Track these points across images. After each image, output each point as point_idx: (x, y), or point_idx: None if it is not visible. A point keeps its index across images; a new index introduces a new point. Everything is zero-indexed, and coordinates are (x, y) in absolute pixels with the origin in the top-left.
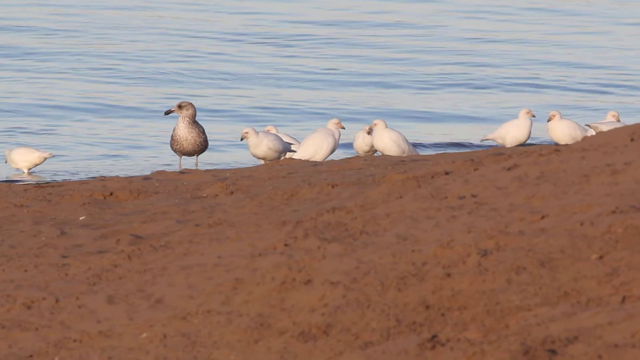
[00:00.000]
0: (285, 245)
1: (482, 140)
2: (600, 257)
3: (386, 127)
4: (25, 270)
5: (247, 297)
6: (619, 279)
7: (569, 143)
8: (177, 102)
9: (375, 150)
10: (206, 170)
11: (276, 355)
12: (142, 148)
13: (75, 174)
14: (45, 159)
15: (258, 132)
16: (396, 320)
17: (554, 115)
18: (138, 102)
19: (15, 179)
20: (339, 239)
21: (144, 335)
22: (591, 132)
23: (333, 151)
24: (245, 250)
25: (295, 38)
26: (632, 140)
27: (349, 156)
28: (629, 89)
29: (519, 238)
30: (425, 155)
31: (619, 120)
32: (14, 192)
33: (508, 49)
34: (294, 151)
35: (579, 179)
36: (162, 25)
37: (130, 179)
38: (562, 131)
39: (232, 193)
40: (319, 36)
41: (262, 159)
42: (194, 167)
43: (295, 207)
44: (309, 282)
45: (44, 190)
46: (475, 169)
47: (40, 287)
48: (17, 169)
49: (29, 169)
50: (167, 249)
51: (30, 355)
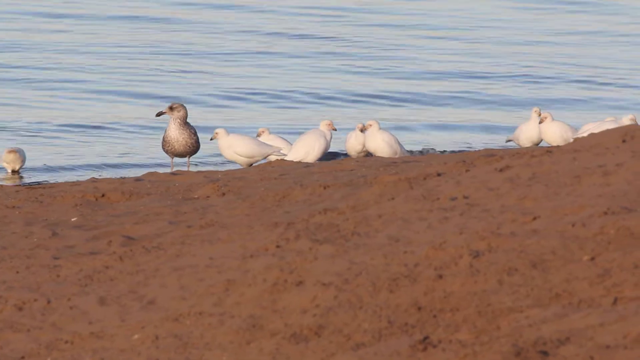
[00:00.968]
0: (277, 246)
1: (507, 141)
2: (592, 259)
3: (379, 129)
4: (17, 272)
5: (239, 299)
6: (610, 280)
7: (560, 144)
8: (169, 104)
9: (367, 151)
10: (198, 171)
11: (268, 357)
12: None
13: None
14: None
15: (229, 134)
16: (388, 321)
17: (546, 117)
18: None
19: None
20: (330, 240)
21: (136, 336)
22: (582, 133)
23: (325, 152)
24: (237, 251)
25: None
26: (624, 141)
27: (341, 157)
28: None
29: (511, 239)
30: (417, 157)
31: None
32: (6, 194)
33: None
34: (282, 154)
35: (570, 180)
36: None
37: (122, 180)
38: (554, 132)
39: (224, 194)
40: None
41: (232, 161)
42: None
43: (287, 209)
44: (300, 284)
45: (36, 192)
46: (467, 171)
47: (31, 289)
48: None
49: (13, 170)
50: (159, 250)
51: (22, 357)
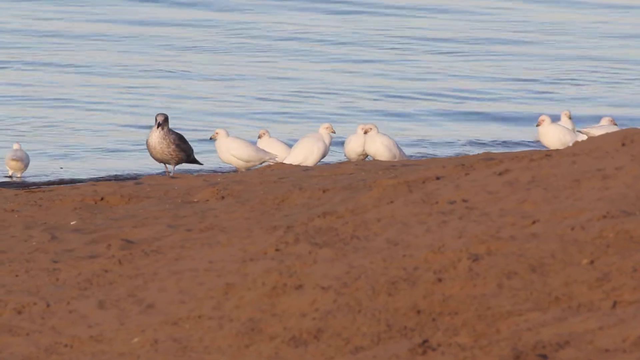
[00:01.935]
0: (277, 250)
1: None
2: (591, 262)
3: (378, 132)
4: (16, 275)
5: (238, 302)
6: (609, 284)
7: (559, 148)
8: (160, 115)
9: (367, 155)
10: (197, 175)
11: None
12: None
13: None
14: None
15: (229, 136)
16: (387, 325)
17: (543, 120)
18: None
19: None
20: (330, 243)
21: (135, 340)
22: (582, 137)
23: (324, 156)
24: (237, 255)
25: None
26: (623, 145)
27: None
28: None
29: (510, 243)
30: (416, 160)
31: (615, 124)
32: (5, 197)
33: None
34: (275, 160)
35: (570, 184)
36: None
37: (121, 184)
38: (552, 136)
39: (223, 198)
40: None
41: (227, 163)
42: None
43: (286, 212)
44: (300, 287)
45: (35, 195)
46: (466, 174)
47: (31, 292)
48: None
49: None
50: (158, 254)
51: None
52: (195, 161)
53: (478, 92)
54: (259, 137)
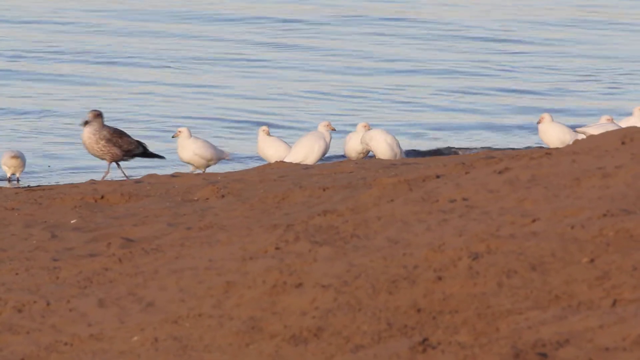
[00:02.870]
0: (277, 248)
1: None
2: (591, 261)
3: (381, 130)
4: (16, 274)
5: (239, 301)
6: (609, 282)
7: (558, 146)
8: (91, 112)
9: (367, 153)
10: (197, 173)
11: (267, 359)
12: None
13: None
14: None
15: (191, 136)
16: (387, 323)
17: (544, 118)
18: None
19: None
20: (330, 242)
21: (135, 338)
22: (582, 136)
23: (324, 154)
24: (237, 253)
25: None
26: (623, 143)
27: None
28: None
29: (510, 241)
30: (416, 159)
31: (614, 122)
32: (5, 195)
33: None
34: (228, 158)
35: (570, 183)
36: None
37: (121, 182)
38: (552, 134)
39: (223, 196)
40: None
41: (187, 162)
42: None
43: (287, 211)
44: (300, 286)
45: (35, 194)
46: (466, 173)
47: (31, 291)
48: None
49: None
50: (158, 253)
51: (22, 359)
52: (150, 155)
53: None
54: (261, 135)
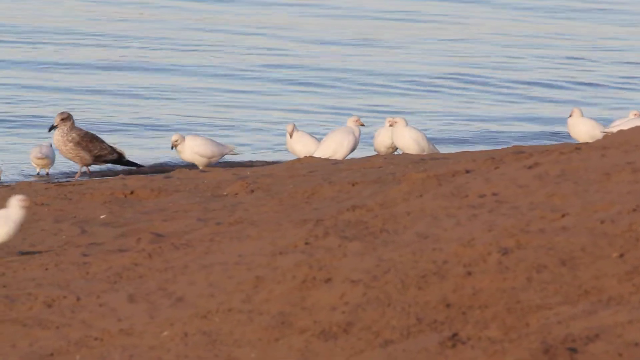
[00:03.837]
0: (306, 243)
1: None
2: (621, 256)
3: (406, 125)
4: (46, 269)
5: (268, 296)
6: (639, 277)
7: (587, 141)
8: (60, 115)
9: (396, 148)
10: (227, 168)
11: (297, 354)
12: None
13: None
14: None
15: (184, 137)
16: (417, 318)
17: (574, 112)
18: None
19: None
20: (359, 237)
21: (165, 333)
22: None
23: (354, 149)
24: (266, 248)
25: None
26: None
27: (370, 154)
28: None
29: (540, 236)
30: (445, 154)
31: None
32: (35, 191)
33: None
34: (236, 154)
35: (599, 177)
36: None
37: (150, 178)
38: (581, 129)
39: (253, 191)
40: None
41: (191, 162)
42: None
43: (316, 206)
44: (329, 281)
45: (65, 189)
46: (496, 168)
47: (61, 286)
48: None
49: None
50: (188, 248)
51: (51, 354)
52: (127, 163)
53: None
54: (290, 134)
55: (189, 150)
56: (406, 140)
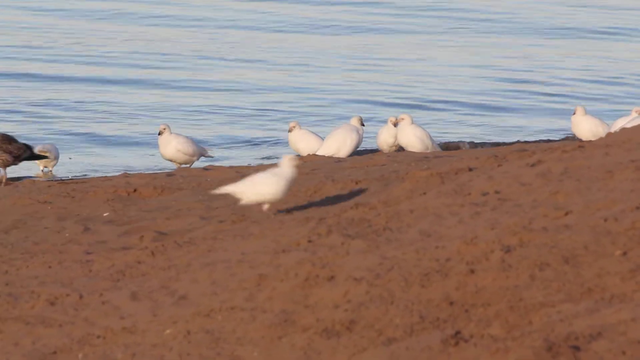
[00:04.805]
0: (309, 241)
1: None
2: (624, 254)
3: (412, 123)
4: (49, 267)
5: (271, 294)
6: None
7: (591, 139)
8: None
9: (399, 146)
10: (230, 166)
11: (300, 352)
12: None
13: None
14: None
15: (172, 133)
16: (420, 316)
17: (578, 110)
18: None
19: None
20: (362, 235)
21: (168, 331)
22: (614, 129)
23: (357, 147)
24: (269, 246)
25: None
26: None
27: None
28: None
29: (543, 234)
30: (448, 152)
31: None
32: (38, 189)
33: None
34: (210, 156)
35: (602, 175)
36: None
37: (154, 176)
38: (584, 127)
39: None
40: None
41: (170, 160)
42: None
43: (319, 204)
44: (332, 279)
45: (68, 187)
46: (499, 165)
47: (64, 284)
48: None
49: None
50: (191, 246)
51: (54, 352)
52: (36, 157)
53: None
54: (290, 130)
55: (171, 148)
56: (411, 138)
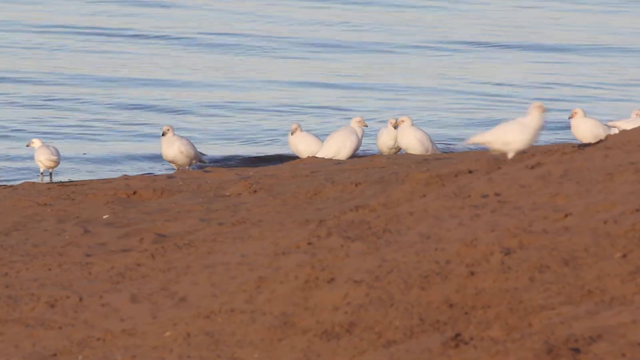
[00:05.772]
0: (309, 243)
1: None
2: (624, 256)
3: (412, 125)
4: (49, 269)
5: (271, 296)
6: None
7: (591, 141)
8: None
9: (399, 148)
10: (230, 168)
11: (299, 354)
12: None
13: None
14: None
15: (175, 134)
16: (419, 318)
17: (576, 113)
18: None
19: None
20: (362, 237)
21: (168, 333)
22: (614, 131)
23: (356, 149)
24: (269, 248)
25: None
26: None
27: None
28: None
29: (543, 237)
30: (448, 154)
31: None
32: (38, 191)
33: None
34: (204, 162)
35: (602, 178)
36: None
37: (153, 178)
38: (584, 129)
39: (256, 192)
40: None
41: (171, 161)
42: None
43: (319, 206)
44: (332, 281)
45: (68, 189)
46: (498, 168)
47: (63, 286)
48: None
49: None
50: (191, 248)
51: (54, 354)
52: None
53: None
54: (292, 132)
55: (175, 148)
56: (411, 140)
